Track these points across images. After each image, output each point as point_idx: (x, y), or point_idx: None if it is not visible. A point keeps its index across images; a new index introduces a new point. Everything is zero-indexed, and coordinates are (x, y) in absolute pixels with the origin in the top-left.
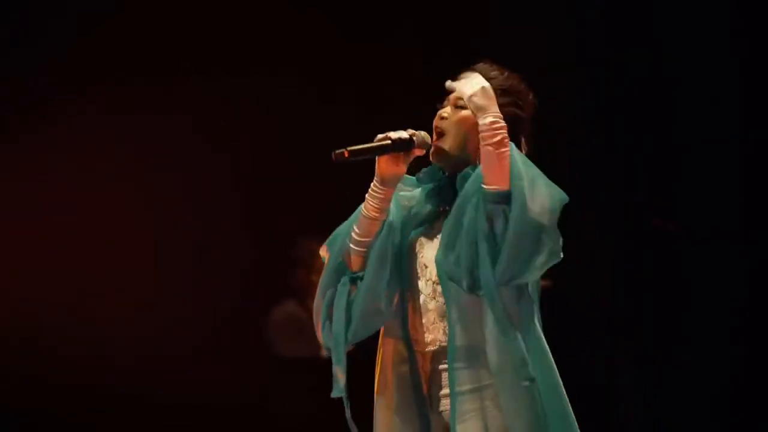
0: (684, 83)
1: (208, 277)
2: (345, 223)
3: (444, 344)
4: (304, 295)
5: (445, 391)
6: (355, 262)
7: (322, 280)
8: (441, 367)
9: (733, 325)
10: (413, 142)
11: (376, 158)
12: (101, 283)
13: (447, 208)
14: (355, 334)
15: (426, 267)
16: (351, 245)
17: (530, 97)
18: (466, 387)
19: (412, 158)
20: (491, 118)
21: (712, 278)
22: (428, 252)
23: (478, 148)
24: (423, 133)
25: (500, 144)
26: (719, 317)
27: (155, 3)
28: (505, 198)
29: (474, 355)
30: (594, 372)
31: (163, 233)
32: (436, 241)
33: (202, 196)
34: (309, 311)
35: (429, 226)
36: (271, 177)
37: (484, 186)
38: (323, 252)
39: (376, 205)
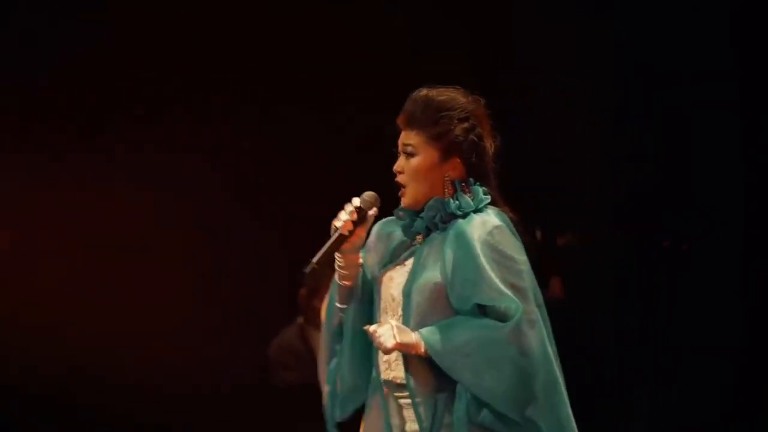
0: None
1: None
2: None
3: (404, 381)
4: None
5: (410, 426)
6: None
7: (322, 344)
8: (402, 402)
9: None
10: (364, 211)
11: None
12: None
13: (420, 237)
14: (343, 408)
15: (393, 300)
16: (339, 313)
17: (469, 103)
18: (426, 423)
19: (370, 222)
20: (419, 350)
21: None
22: (397, 282)
23: (440, 183)
24: (367, 194)
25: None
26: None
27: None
28: None
29: (434, 393)
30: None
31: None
32: (406, 272)
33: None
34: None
35: (400, 258)
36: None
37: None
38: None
39: (345, 273)
